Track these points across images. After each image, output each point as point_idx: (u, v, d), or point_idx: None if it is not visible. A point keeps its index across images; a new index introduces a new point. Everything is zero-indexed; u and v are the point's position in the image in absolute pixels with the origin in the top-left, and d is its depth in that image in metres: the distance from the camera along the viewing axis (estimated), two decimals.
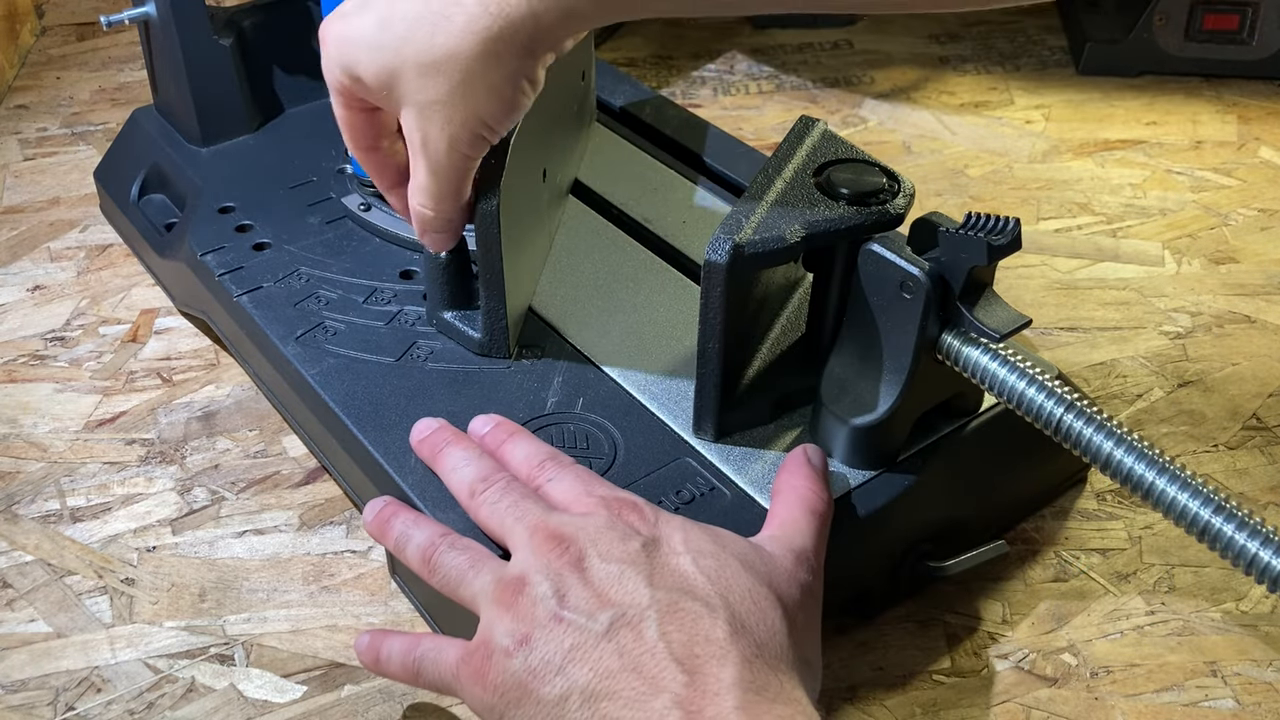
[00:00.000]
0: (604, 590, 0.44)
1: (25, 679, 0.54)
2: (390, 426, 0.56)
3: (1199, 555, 0.59)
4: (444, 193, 0.53)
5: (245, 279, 0.66)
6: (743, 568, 0.45)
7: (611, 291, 0.64)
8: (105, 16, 0.73)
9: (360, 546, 0.60)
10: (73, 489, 0.64)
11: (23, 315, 0.76)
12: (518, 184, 0.57)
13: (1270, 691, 0.53)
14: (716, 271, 0.49)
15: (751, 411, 0.55)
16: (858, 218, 0.51)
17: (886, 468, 0.54)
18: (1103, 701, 0.53)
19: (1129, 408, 0.68)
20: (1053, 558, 0.60)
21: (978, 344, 0.49)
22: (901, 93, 1.00)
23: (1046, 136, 0.94)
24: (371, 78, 0.50)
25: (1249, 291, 0.77)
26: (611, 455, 0.55)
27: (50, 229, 0.83)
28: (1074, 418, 0.47)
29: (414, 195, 0.54)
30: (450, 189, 0.53)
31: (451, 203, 0.54)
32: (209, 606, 0.57)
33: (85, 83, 1.01)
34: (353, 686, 0.54)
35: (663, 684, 0.41)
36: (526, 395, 0.58)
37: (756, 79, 1.02)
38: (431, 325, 0.62)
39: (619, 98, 0.80)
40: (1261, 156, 0.91)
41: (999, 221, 0.48)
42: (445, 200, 0.54)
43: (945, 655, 0.55)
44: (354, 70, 0.50)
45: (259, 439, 0.66)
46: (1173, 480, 0.45)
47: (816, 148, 0.55)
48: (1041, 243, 0.81)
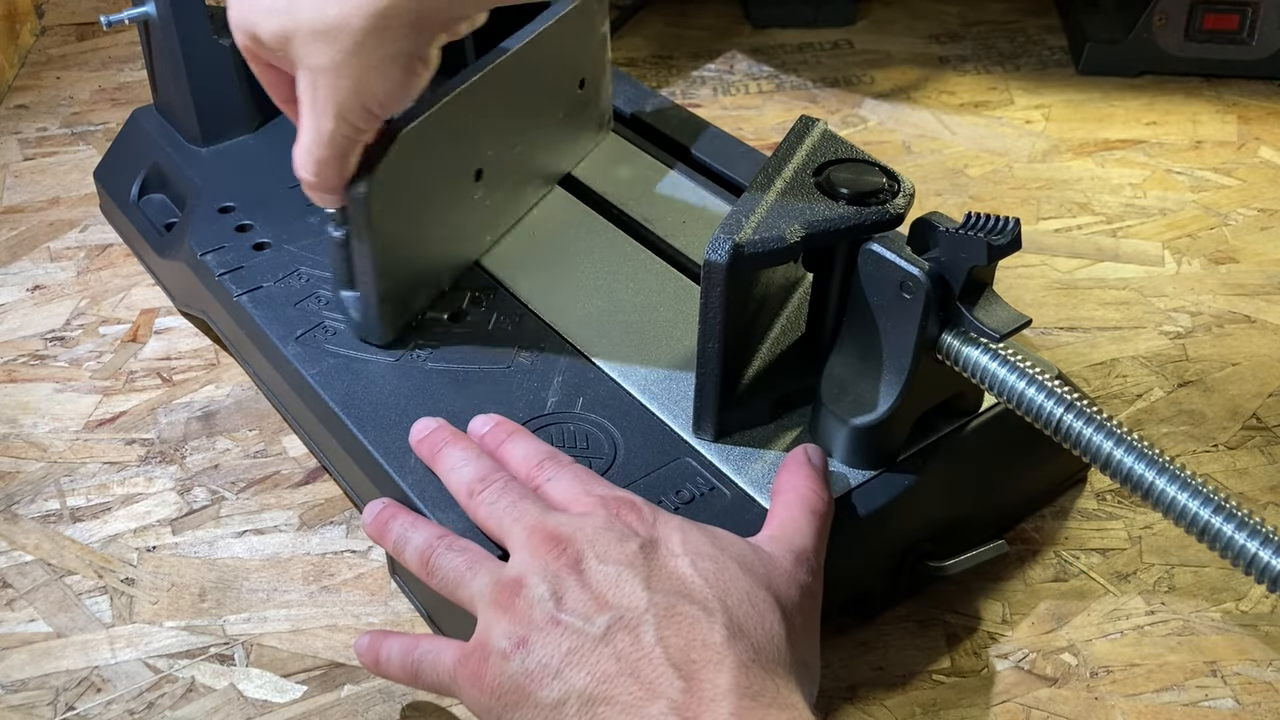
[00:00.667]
0: (601, 593, 0.44)
1: (25, 679, 0.54)
2: (390, 426, 0.56)
3: (1199, 555, 0.59)
4: (326, 160, 0.53)
5: (245, 279, 0.66)
6: (741, 570, 0.45)
7: (612, 291, 0.64)
8: (105, 16, 0.73)
9: (360, 546, 0.60)
10: (73, 489, 0.64)
11: (23, 315, 0.76)
12: (417, 176, 0.58)
13: (1270, 691, 0.53)
14: (716, 271, 0.49)
15: (751, 411, 0.55)
16: (857, 217, 0.51)
17: (886, 468, 0.54)
18: (1103, 701, 0.53)
19: (1129, 408, 0.68)
20: (1053, 558, 0.60)
21: (978, 344, 0.49)
22: (901, 93, 1.00)
23: (1046, 136, 0.94)
24: (269, 38, 0.50)
25: (1249, 291, 0.77)
26: (611, 455, 0.55)
27: (50, 229, 0.83)
28: (1074, 418, 0.47)
29: (298, 155, 0.54)
30: (332, 157, 0.53)
31: (333, 171, 0.54)
32: (209, 606, 0.57)
33: (85, 83, 1.01)
34: (353, 686, 0.54)
35: (659, 689, 0.41)
36: (526, 395, 0.58)
37: (756, 79, 1.02)
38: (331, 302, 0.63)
39: (619, 99, 0.80)
40: (1261, 156, 0.91)
41: (999, 221, 0.48)
42: (327, 167, 0.54)
43: (945, 655, 0.55)
44: (253, 30, 0.50)
45: (259, 439, 0.66)
46: (1173, 480, 0.45)
47: (816, 148, 0.55)
48: (1041, 243, 0.81)
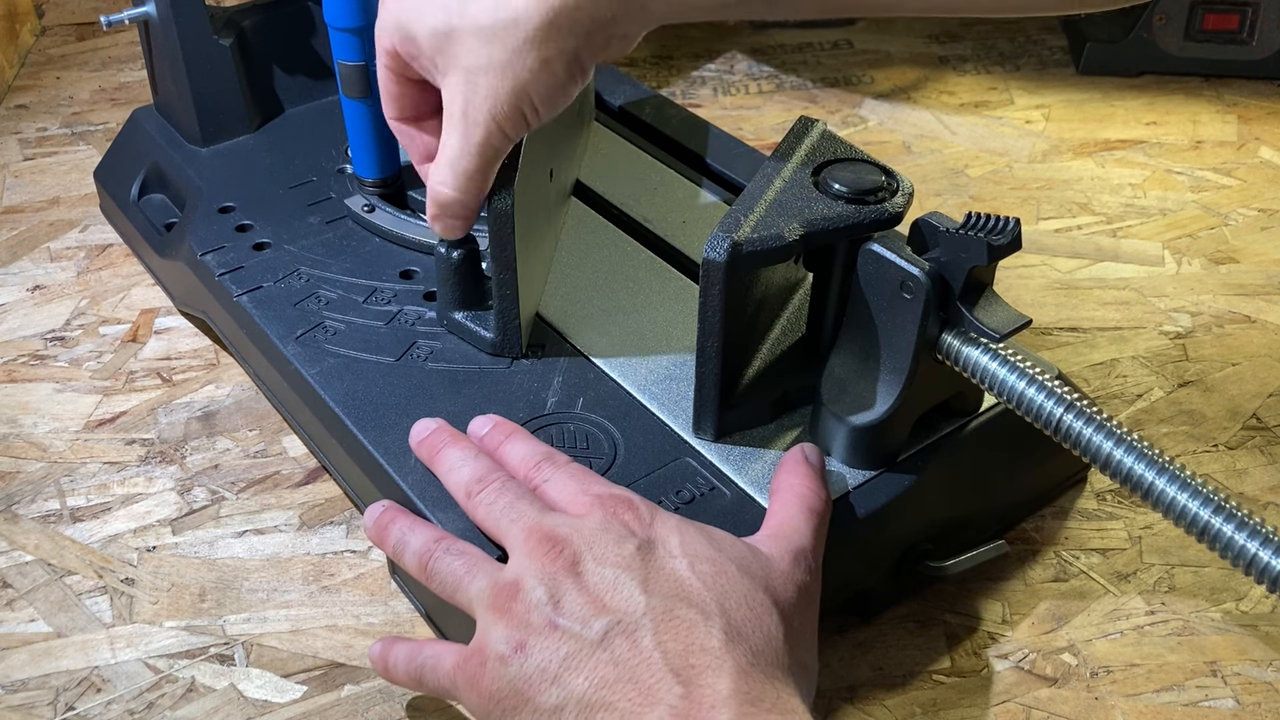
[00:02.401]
0: (599, 596, 0.44)
1: (25, 679, 0.54)
2: (390, 426, 0.56)
3: (1199, 555, 0.59)
4: (471, 172, 0.52)
5: (245, 279, 0.66)
6: (739, 572, 0.45)
7: (611, 291, 0.64)
8: (105, 16, 0.73)
9: (360, 546, 0.60)
10: (73, 489, 0.64)
11: (23, 315, 0.76)
12: (529, 183, 0.57)
13: (1270, 691, 0.53)
14: (715, 270, 0.49)
15: (751, 411, 0.55)
16: (856, 216, 0.51)
17: (886, 468, 0.54)
18: (1103, 701, 0.53)
19: (1129, 408, 0.68)
20: (1053, 558, 0.60)
21: (978, 344, 0.49)
22: (901, 93, 1.00)
23: (1046, 136, 0.94)
24: (427, 35, 0.49)
25: (1249, 291, 0.77)
26: (611, 455, 0.55)
27: (50, 229, 0.83)
28: (1074, 418, 0.47)
29: (438, 172, 0.53)
30: (478, 169, 0.52)
31: (476, 185, 0.53)
32: (209, 606, 0.57)
33: (85, 83, 1.01)
34: (353, 686, 0.54)
35: (658, 695, 0.41)
36: (527, 395, 0.58)
37: (756, 79, 1.02)
38: (442, 325, 0.62)
39: (619, 97, 0.80)
40: (1261, 156, 0.91)
41: (999, 221, 0.48)
42: (470, 181, 0.52)
43: (945, 655, 0.55)
44: (409, 27, 0.49)
45: (259, 439, 0.66)
46: (1173, 480, 0.45)
47: (815, 147, 0.55)
48: (1041, 243, 0.81)
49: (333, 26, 0.64)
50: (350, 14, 0.64)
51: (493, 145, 0.51)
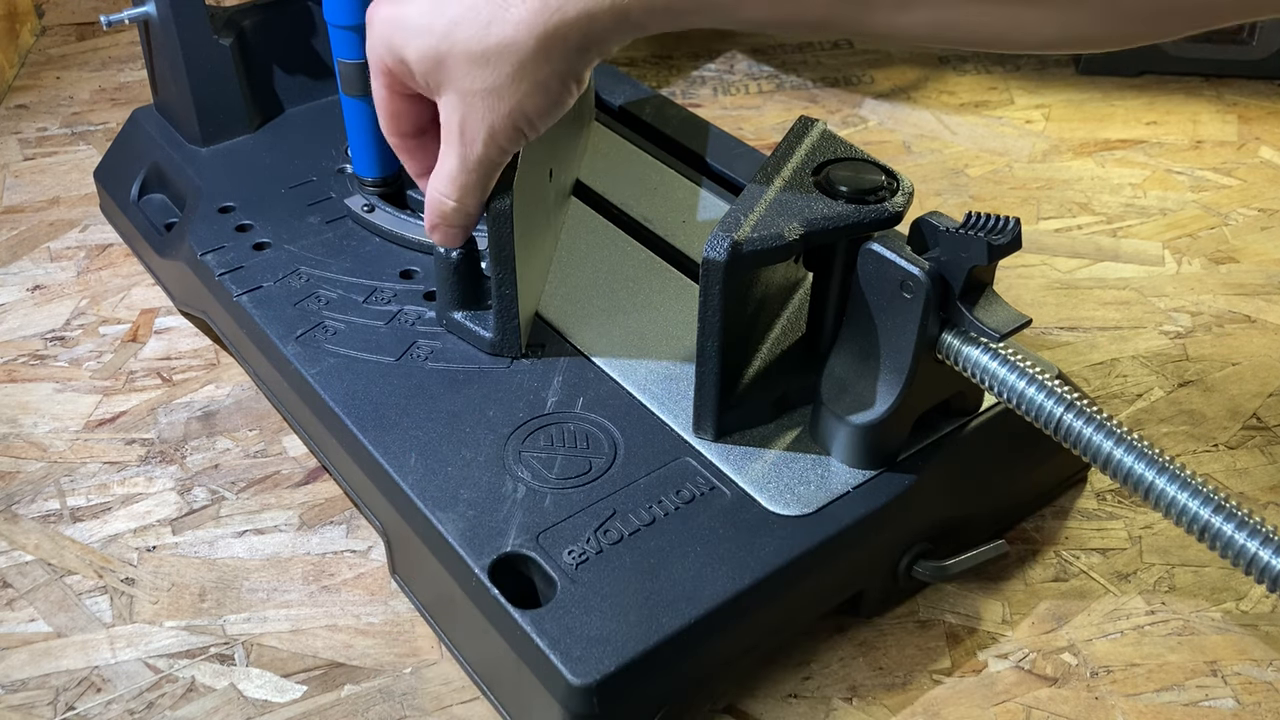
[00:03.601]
0: None
1: (25, 679, 0.54)
2: (390, 426, 0.56)
3: (1199, 555, 0.59)
4: (470, 185, 0.53)
5: (245, 279, 0.66)
6: None
7: (611, 291, 0.64)
8: (105, 16, 0.73)
9: (360, 546, 0.60)
10: (73, 489, 0.64)
11: (23, 315, 0.76)
12: (528, 183, 0.57)
13: (1270, 691, 0.53)
14: (715, 269, 0.49)
15: (751, 411, 0.55)
16: (856, 215, 0.51)
17: (886, 467, 0.54)
18: (1103, 701, 0.53)
19: (1129, 408, 0.68)
20: (1053, 558, 0.60)
21: (978, 344, 0.49)
22: (901, 92, 1.00)
23: (1046, 136, 0.94)
24: (417, 60, 0.49)
25: (1249, 291, 0.77)
26: (611, 455, 0.55)
27: (50, 229, 0.83)
28: (1074, 418, 0.47)
29: (438, 184, 0.54)
30: (477, 182, 0.53)
31: (475, 197, 0.54)
32: (209, 606, 0.57)
33: (85, 83, 1.01)
34: (353, 686, 0.54)
35: None
36: (527, 395, 0.58)
37: (756, 79, 1.02)
38: (441, 325, 0.62)
39: (619, 97, 0.80)
40: (1261, 156, 0.91)
41: (999, 221, 0.48)
42: (470, 193, 0.53)
43: (945, 655, 0.55)
44: (400, 52, 0.50)
45: (259, 439, 0.66)
46: (1173, 480, 0.45)
47: (815, 147, 0.55)
48: (1041, 243, 0.81)
49: (332, 24, 0.64)
50: (350, 11, 0.64)
51: (491, 160, 0.52)
